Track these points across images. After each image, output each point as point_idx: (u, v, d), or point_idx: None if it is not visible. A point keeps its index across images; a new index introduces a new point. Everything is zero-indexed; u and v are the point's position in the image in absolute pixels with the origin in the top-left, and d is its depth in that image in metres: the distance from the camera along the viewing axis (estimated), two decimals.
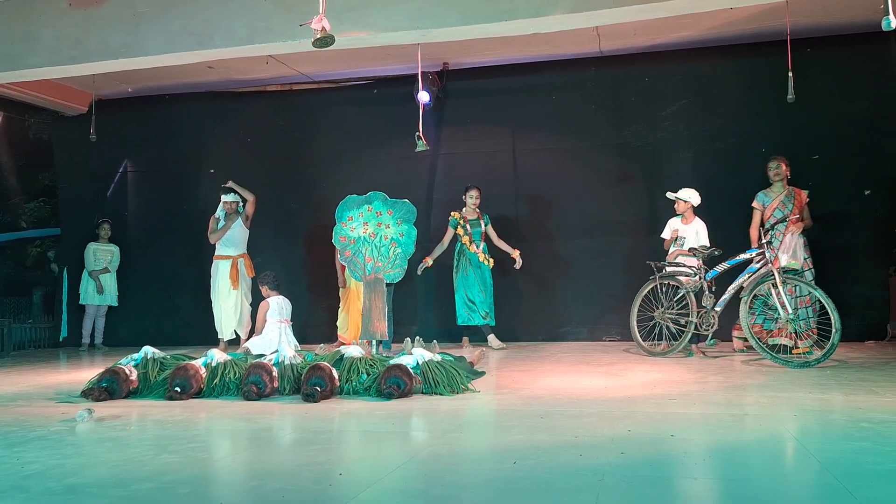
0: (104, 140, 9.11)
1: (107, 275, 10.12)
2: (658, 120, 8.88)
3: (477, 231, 8.62)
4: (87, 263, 10.08)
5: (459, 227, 8.60)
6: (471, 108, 9.48)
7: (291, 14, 6.65)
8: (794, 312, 6.60)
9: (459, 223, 8.59)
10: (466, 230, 8.60)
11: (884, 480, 2.88)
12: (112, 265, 10.19)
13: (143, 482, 3.01)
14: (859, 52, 8.27)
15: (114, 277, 10.23)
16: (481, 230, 8.64)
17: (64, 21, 7.34)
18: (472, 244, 8.56)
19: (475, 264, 8.54)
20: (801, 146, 8.13)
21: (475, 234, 8.61)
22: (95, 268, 10.04)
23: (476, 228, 8.63)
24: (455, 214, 8.61)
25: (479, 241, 8.59)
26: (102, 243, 10.18)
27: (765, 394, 4.96)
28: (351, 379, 5.26)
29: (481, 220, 8.67)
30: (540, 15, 6.33)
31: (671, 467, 3.17)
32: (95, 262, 10.08)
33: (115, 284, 10.23)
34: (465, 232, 8.59)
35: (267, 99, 10.20)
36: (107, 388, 5.26)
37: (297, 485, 2.93)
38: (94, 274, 10.01)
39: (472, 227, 8.64)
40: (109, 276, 10.17)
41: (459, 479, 2.91)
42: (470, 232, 8.61)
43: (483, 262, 8.53)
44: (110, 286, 10.17)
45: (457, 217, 8.61)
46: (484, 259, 8.54)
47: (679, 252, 7.58)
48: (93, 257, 10.09)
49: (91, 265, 10.06)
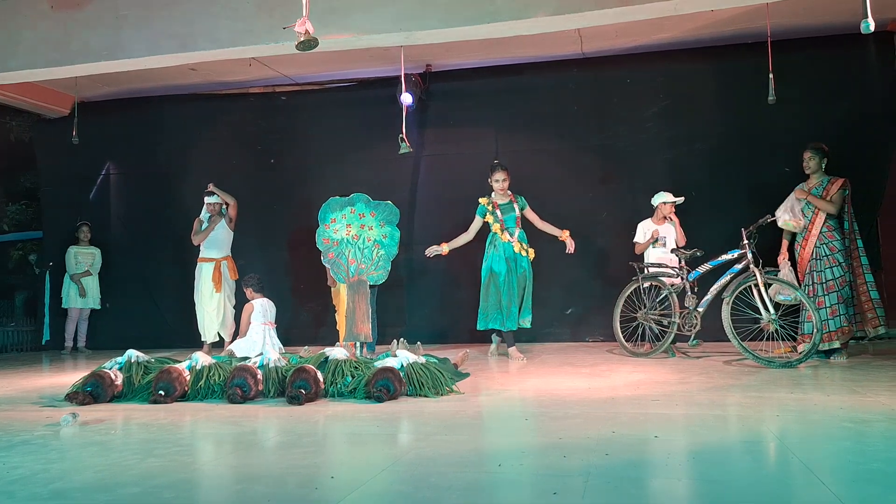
0: (86, 142, 9.08)
1: (88, 278, 10.07)
2: (640, 121, 8.94)
3: (510, 217, 7.52)
4: (68, 267, 10.02)
5: (489, 214, 7.56)
6: (454, 109, 9.50)
7: (274, 17, 6.66)
8: (777, 313, 6.63)
9: (488, 210, 7.56)
10: (497, 217, 7.53)
11: (865, 480, 2.92)
12: (94, 268, 10.14)
13: (129, 486, 3.01)
14: (840, 54, 8.36)
15: (96, 280, 10.18)
16: (515, 215, 7.53)
17: (45, 23, 7.32)
18: (504, 232, 7.46)
19: (510, 256, 7.42)
20: (782, 147, 8.19)
21: (508, 220, 7.51)
22: (77, 271, 10.00)
23: (509, 214, 7.54)
24: (483, 201, 7.62)
25: (513, 229, 7.48)
26: (83, 246, 10.13)
27: (747, 394, 5.00)
28: (336, 381, 5.26)
29: (515, 203, 7.57)
30: (522, 17, 6.38)
31: (655, 469, 3.20)
32: (77, 265, 10.03)
33: (97, 287, 10.18)
34: (495, 219, 7.52)
35: (250, 101, 10.19)
36: (91, 393, 5.24)
37: (283, 489, 2.94)
38: (76, 277, 9.96)
39: (504, 213, 7.55)
40: (91, 279, 10.12)
41: (444, 482, 2.93)
42: (501, 218, 7.51)
43: (519, 252, 7.42)
44: (92, 289, 10.12)
45: (485, 203, 7.61)
46: (520, 249, 7.42)
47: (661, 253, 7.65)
48: (74, 261, 10.03)
49: (72, 269, 10.01)
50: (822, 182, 7.00)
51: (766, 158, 8.43)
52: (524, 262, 7.43)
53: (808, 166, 7.04)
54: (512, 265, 7.38)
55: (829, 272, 6.85)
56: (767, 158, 8.41)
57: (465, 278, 9.28)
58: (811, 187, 7.03)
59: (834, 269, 6.85)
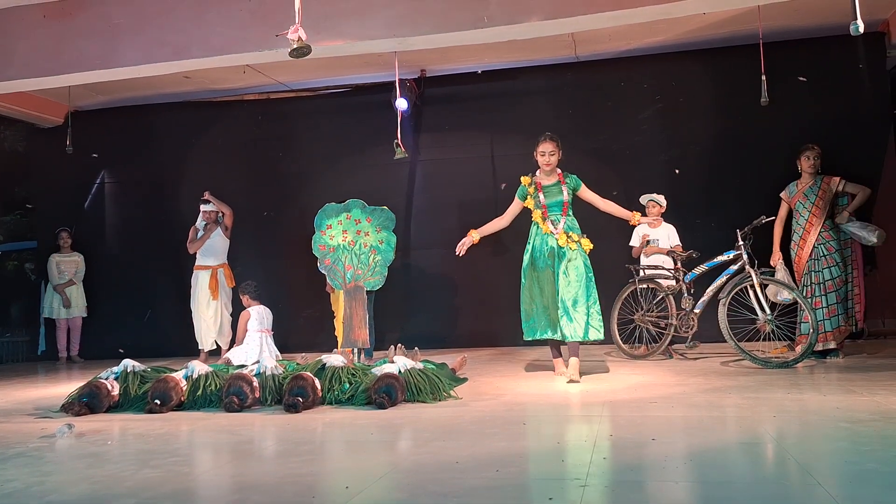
0: (81, 152, 9.07)
1: (72, 287, 9.96)
2: (634, 124, 8.96)
3: (556, 202, 6.20)
4: (51, 277, 9.91)
5: (529, 197, 6.31)
6: (449, 114, 9.52)
7: (268, 24, 6.65)
8: (773, 313, 6.63)
9: (529, 192, 6.31)
10: (539, 201, 6.24)
11: (862, 480, 2.92)
12: (78, 276, 10.02)
13: (125, 498, 3.00)
14: (832, 55, 8.39)
15: (81, 288, 10.06)
16: (563, 199, 6.19)
17: (39, 33, 7.31)
18: (546, 222, 6.18)
19: (553, 251, 6.12)
20: (776, 148, 8.20)
21: (553, 205, 6.21)
22: (60, 281, 9.88)
23: (555, 198, 6.21)
24: (525, 180, 6.38)
25: (558, 216, 6.17)
26: (65, 254, 10.03)
27: (744, 395, 5.00)
28: (333, 388, 5.25)
29: (563, 184, 6.25)
30: (514, 22, 6.39)
31: (653, 471, 3.19)
32: (60, 275, 9.91)
33: (82, 296, 10.05)
34: (536, 204, 6.26)
35: (244, 108, 10.20)
36: (87, 403, 5.22)
37: (280, 498, 2.93)
38: (60, 288, 9.84)
39: (549, 197, 6.22)
40: (76, 288, 10.00)
41: (443, 489, 2.92)
42: (544, 204, 6.22)
43: (567, 246, 6.09)
44: (77, 298, 9.99)
45: (526, 184, 6.35)
46: (567, 242, 6.10)
47: (655, 250, 7.65)
48: (56, 270, 9.92)
49: (55, 279, 9.89)
50: (815, 182, 7.01)
51: (760, 160, 8.45)
52: (575, 257, 6.08)
53: (814, 165, 7.03)
54: (556, 262, 6.10)
55: (828, 272, 6.87)
56: (762, 160, 8.43)
57: (463, 283, 9.32)
58: (805, 187, 7.05)
59: (832, 269, 6.88)
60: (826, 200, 6.97)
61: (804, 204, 7.02)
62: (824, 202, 6.96)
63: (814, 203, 6.96)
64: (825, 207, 6.96)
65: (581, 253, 6.10)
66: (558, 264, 6.06)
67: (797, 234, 7.06)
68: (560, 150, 6.30)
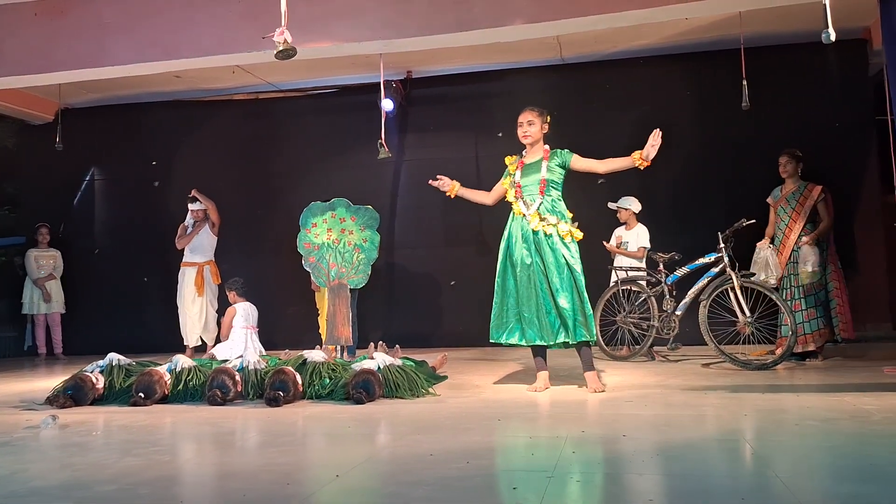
0: (70, 149, 9.12)
1: (52, 282, 10.00)
2: (619, 126, 9.03)
3: (533, 181, 5.42)
4: (29, 272, 9.93)
5: (509, 176, 5.60)
6: (434, 115, 9.62)
7: (256, 25, 6.72)
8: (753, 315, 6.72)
9: (510, 172, 5.62)
10: (514, 180, 5.52)
11: (819, 473, 3.03)
12: (57, 271, 10.06)
13: (106, 484, 3.08)
14: (815, 61, 8.51)
15: (59, 283, 10.08)
16: (541, 177, 5.39)
17: (30, 31, 7.36)
18: (518, 201, 5.43)
19: (527, 237, 5.33)
20: (758, 153, 8.30)
21: (528, 186, 5.43)
22: (39, 275, 9.91)
23: (531, 175, 5.44)
24: (508, 160, 5.71)
25: (534, 196, 5.37)
26: (43, 249, 10.05)
27: (721, 395, 5.09)
28: (314, 383, 5.34)
29: (545, 161, 5.46)
30: (499, 25, 6.48)
31: (618, 464, 3.29)
32: (38, 269, 9.94)
33: (61, 291, 10.08)
34: (511, 183, 5.53)
35: (234, 108, 10.28)
36: (72, 396, 5.29)
37: (257, 484, 3.01)
38: (40, 282, 9.87)
39: (526, 175, 5.47)
40: (55, 283, 10.04)
41: (413, 478, 3.01)
42: (518, 182, 5.47)
43: (540, 230, 5.29)
44: (56, 293, 10.02)
45: (509, 163, 5.69)
46: (542, 226, 5.30)
47: (620, 252, 7.90)
48: (35, 264, 9.94)
49: (34, 273, 9.91)
50: (798, 187, 7.13)
51: (742, 163, 8.58)
52: (554, 245, 5.27)
53: (786, 170, 7.18)
54: (532, 250, 5.31)
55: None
56: (744, 163, 8.55)
57: (446, 283, 9.40)
58: (788, 192, 7.16)
59: (811, 274, 6.99)
60: (806, 207, 7.08)
61: (785, 209, 7.14)
62: (804, 208, 7.07)
63: (794, 209, 7.08)
64: (805, 214, 7.07)
65: (559, 240, 5.28)
66: (534, 252, 5.30)
67: (777, 239, 7.18)
68: (545, 121, 5.62)
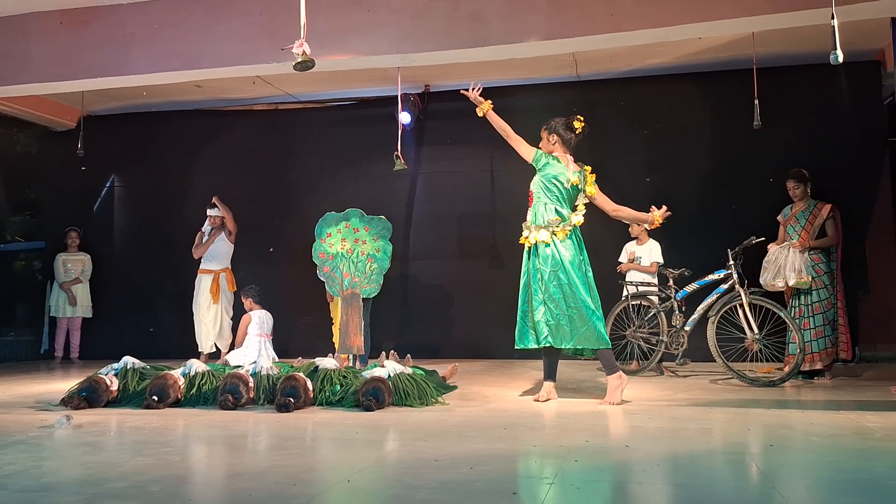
0: (91, 155, 9.27)
1: (79, 285, 10.10)
2: (631, 143, 9.12)
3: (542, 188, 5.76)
4: (57, 275, 10.04)
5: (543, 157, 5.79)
6: (451, 128, 9.69)
7: (276, 37, 6.83)
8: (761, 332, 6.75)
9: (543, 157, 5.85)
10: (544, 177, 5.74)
11: (818, 486, 3.08)
12: (84, 275, 10.16)
13: (117, 481, 3.16)
14: (828, 83, 8.54)
15: (87, 288, 10.19)
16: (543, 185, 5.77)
17: (55, 39, 7.50)
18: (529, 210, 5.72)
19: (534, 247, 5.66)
20: (769, 172, 8.33)
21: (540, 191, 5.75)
22: (66, 279, 10.03)
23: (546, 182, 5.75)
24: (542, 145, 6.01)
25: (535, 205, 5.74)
26: (72, 253, 10.16)
27: (726, 410, 5.14)
28: (325, 389, 5.41)
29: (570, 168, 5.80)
30: (514, 41, 6.56)
31: (619, 473, 3.34)
32: (66, 273, 10.06)
33: (88, 296, 10.17)
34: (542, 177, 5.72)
35: (253, 118, 10.40)
36: (86, 397, 5.38)
37: (263, 485, 3.09)
38: (66, 285, 9.98)
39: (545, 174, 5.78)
40: (82, 287, 10.13)
41: (416, 481, 3.07)
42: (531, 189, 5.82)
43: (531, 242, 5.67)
44: (83, 297, 10.12)
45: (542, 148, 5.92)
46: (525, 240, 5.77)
47: (633, 267, 7.91)
48: (63, 268, 10.06)
49: (62, 277, 10.02)
50: (808, 206, 7.17)
51: (753, 182, 8.60)
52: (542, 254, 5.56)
53: (795, 194, 7.26)
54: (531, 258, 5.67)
55: (815, 294, 7.01)
56: (754, 182, 8.58)
57: (459, 294, 9.46)
58: (797, 211, 7.20)
59: (820, 292, 7.02)
60: (815, 225, 7.12)
61: (794, 227, 7.19)
62: (814, 227, 7.11)
63: (803, 227, 7.12)
64: (814, 232, 7.10)
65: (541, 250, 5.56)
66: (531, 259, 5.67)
67: None
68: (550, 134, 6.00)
